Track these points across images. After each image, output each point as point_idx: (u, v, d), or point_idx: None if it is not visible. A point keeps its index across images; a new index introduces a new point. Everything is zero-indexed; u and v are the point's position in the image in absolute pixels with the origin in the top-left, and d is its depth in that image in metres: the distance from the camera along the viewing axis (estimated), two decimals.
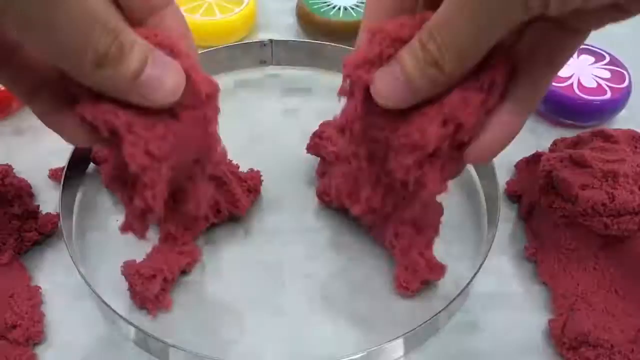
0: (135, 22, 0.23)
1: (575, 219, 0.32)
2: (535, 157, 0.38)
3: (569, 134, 0.41)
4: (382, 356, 0.30)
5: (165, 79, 0.22)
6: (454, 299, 0.31)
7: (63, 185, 0.35)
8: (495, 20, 0.20)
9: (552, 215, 0.33)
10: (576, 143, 0.37)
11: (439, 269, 0.32)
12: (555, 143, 0.39)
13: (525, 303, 0.33)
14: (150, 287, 0.31)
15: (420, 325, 0.30)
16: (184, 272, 0.33)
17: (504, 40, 0.21)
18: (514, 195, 0.38)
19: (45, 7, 0.18)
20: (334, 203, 0.35)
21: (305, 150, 0.38)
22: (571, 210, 0.32)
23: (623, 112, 0.43)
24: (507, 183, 0.38)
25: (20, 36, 0.19)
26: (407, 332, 0.29)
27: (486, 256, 0.32)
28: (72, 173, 0.36)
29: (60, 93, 0.23)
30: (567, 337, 0.30)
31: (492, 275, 0.34)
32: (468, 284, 0.31)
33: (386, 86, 0.22)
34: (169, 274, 0.32)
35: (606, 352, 0.29)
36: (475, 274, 0.32)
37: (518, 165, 0.39)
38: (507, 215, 0.37)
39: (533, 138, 0.42)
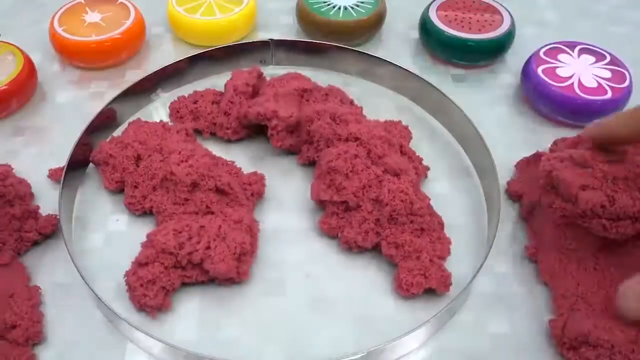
0: None
1: (575, 220, 0.32)
2: (536, 157, 0.38)
3: (570, 134, 0.41)
4: (382, 356, 0.30)
5: None
6: (454, 299, 0.30)
7: (62, 185, 0.35)
8: None
9: (552, 215, 0.33)
10: (577, 143, 0.36)
11: (447, 282, 0.32)
12: (555, 143, 0.39)
13: (526, 303, 0.33)
14: (150, 293, 0.31)
15: (421, 325, 0.30)
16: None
17: None
18: (515, 195, 0.38)
19: None
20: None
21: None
22: (571, 210, 0.32)
23: None
24: (508, 183, 0.38)
25: None
26: (408, 332, 0.29)
27: (487, 256, 0.32)
28: (72, 173, 0.36)
29: None
30: (567, 337, 0.30)
31: (492, 275, 0.34)
32: (468, 284, 0.31)
33: (634, 304, 0.28)
34: (169, 285, 0.32)
35: (606, 352, 0.29)
36: (476, 274, 0.32)
37: (518, 165, 0.39)
38: (508, 215, 0.37)
39: (533, 138, 0.42)
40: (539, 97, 0.42)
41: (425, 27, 0.47)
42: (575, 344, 0.30)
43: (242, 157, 0.40)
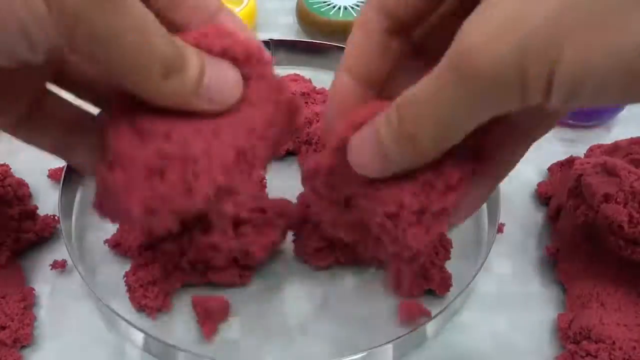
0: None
1: (596, 229, 0.32)
2: (569, 161, 0.38)
3: (570, 133, 0.41)
4: (382, 356, 0.30)
5: (226, 79, 0.22)
6: (454, 299, 0.30)
7: (62, 185, 0.35)
8: (484, 105, 0.18)
9: (576, 219, 0.33)
10: (613, 150, 0.36)
11: (448, 283, 0.32)
12: (591, 149, 0.38)
13: (527, 304, 0.33)
14: (150, 294, 0.31)
15: (421, 325, 0.30)
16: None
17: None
18: (543, 197, 0.38)
19: (111, 18, 0.18)
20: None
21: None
22: (593, 219, 0.31)
23: (623, 112, 0.43)
24: (539, 185, 0.38)
25: (89, 54, 0.19)
26: (408, 333, 0.29)
27: (487, 256, 0.32)
28: (72, 173, 0.36)
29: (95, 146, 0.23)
30: (572, 331, 0.30)
31: (493, 276, 0.34)
32: (468, 284, 0.31)
33: (362, 155, 0.21)
34: (169, 287, 0.32)
35: (607, 348, 0.29)
36: (476, 274, 0.31)
37: (551, 168, 0.39)
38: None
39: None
40: None
41: None
42: (579, 338, 0.30)
43: None
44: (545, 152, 0.40)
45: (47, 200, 0.37)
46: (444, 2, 0.22)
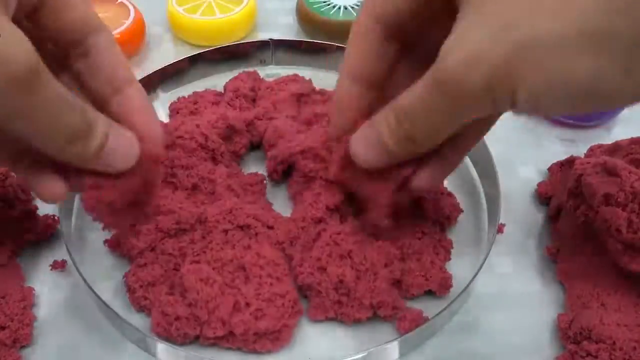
0: (99, 102, 0.26)
1: (595, 229, 0.32)
2: (569, 161, 0.38)
3: (570, 134, 0.41)
4: (382, 356, 0.30)
5: (123, 151, 0.25)
6: (455, 299, 0.30)
7: None
8: (465, 113, 0.23)
9: (576, 219, 0.33)
10: (613, 150, 0.36)
11: (448, 283, 0.32)
12: (591, 149, 0.38)
13: (527, 304, 0.33)
14: (150, 295, 0.31)
15: (421, 325, 0.30)
16: None
17: None
18: (543, 197, 0.38)
19: (27, 98, 0.20)
20: None
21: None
22: (593, 219, 0.31)
23: (624, 112, 0.43)
24: (539, 185, 0.38)
25: (7, 128, 0.21)
26: (408, 332, 0.29)
27: (487, 257, 0.32)
28: None
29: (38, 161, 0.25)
30: (572, 331, 0.30)
31: (493, 276, 0.34)
32: (468, 284, 0.31)
33: (364, 150, 0.27)
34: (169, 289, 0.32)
35: (607, 348, 0.29)
36: (476, 274, 0.31)
37: (551, 168, 0.39)
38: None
39: (533, 138, 0.42)
40: None
41: None
42: (579, 338, 0.30)
43: (242, 158, 0.40)
44: (545, 152, 0.40)
45: None
46: (431, 6, 0.25)
